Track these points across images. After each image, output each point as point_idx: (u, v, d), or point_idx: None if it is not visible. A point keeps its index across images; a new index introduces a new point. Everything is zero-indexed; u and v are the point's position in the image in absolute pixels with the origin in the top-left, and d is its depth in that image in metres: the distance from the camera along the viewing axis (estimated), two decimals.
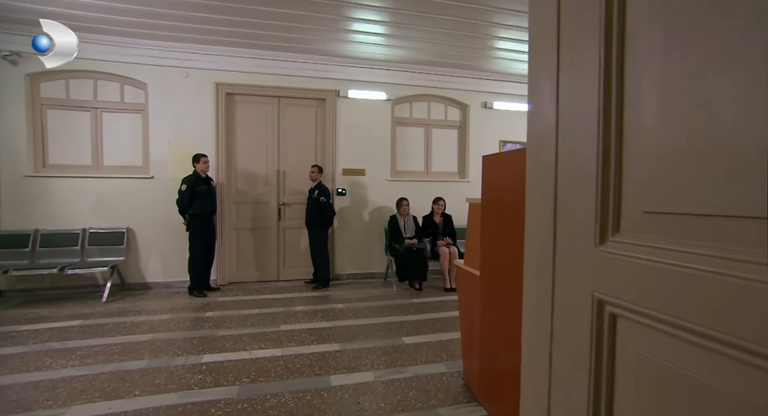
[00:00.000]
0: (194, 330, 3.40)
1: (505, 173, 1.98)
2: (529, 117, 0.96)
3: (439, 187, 5.62)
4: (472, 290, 2.39)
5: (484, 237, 2.18)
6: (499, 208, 2.02)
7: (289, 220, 5.26)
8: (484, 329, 2.20)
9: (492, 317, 2.11)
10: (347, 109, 5.31)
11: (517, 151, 1.90)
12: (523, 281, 1.00)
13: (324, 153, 5.30)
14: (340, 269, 5.37)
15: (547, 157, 0.85)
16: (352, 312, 3.95)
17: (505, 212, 1.97)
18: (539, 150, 0.89)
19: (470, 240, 2.44)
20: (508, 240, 1.92)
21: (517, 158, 1.89)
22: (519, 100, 5.90)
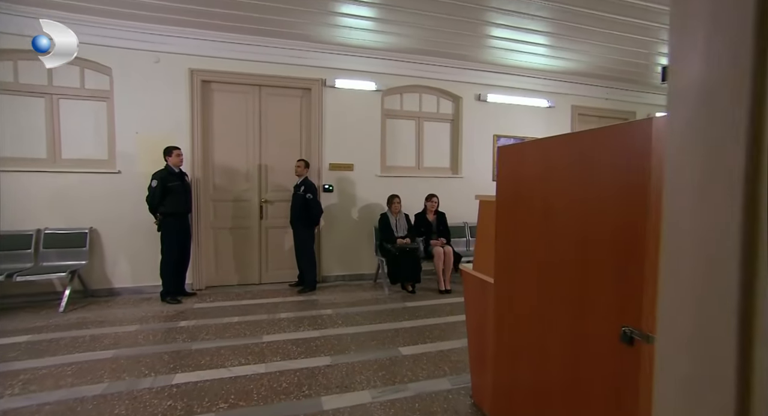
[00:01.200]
0: (165, 343, 3.02)
1: (528, 166, 1.71)
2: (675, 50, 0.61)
3: (431, 184, 5.35)
4: (483, 298, 2.11)
5: (499, 240, 1.90)
6: (520, 206, 1.75)
7: (272, 219, 4.89)
8: (500, 342, 1.93)
9: (511, 329, 1.84)
10: (334, 99, 4.97)
11: (544, 140, 1.62)
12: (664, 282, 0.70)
13: (310, 147, 4.94)
14: (327, 271, 5.04)
15: (726, 108, 0.48)
16: (342, 319, 3.63)
17: (528, 211, 1.70)
18: (711, 100, 0.51)
19: (481, 244, 2.16)
20: (533, 244, 1.65)
21: (545, 147, 1.61)
22: (514, 92, 5.68)
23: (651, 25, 4.01)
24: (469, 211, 5.52)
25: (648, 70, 5.51)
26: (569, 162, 1.46)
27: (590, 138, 1.40)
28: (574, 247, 1.42)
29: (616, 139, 1.28)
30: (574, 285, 1.42)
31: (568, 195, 1.46)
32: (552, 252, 1.54)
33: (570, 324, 1.44)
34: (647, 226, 1.12)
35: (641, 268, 1.14)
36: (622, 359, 1.21)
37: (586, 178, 1.38)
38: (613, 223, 1.26)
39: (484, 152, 5.67)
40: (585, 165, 1.39)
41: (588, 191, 1.37)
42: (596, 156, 1.34)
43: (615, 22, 3.96)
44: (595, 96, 6.08)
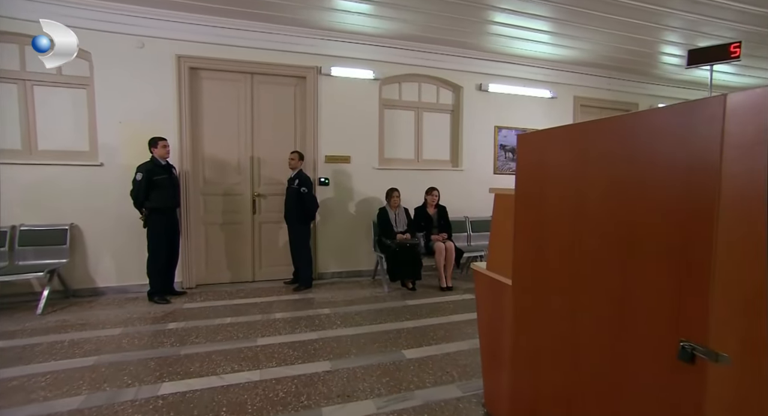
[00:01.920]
0: (152, 348, 2.81)
1: (555, 156, 1.52)
2: None
3: (430, 177, 5.16)
4: (498, 300, 1.94)
5: (519, 238, 1.72)
6: (546, 200, 1.57)
7: (265, 214, 4.67)
8: (519, 348, 1.76)
9: (533, 336, 1.67)
10: (330, 88, 4.73)
11: (575, 126, 1.44)
12: None
13: (305, 138, 4.71)
14: (323, 267, 4.85)
15: None
16: (341, 319, 3.45)
17: (555, 206, 1.52)
18: None
19: (496, 242, 1.98)
20: (562, 242, 1.47)
21: (578, 134, 1.43)
22: (516, 82, 5.49)
23: (657, 10, 3.80)
24: (470, 205, 5.37)
25: (651, 60, 5.35)
26: (608, 150, 1.28)
27: (634, 121, 1.22)
28: (616, 245, 1.24)
29: (671, 123, 1.10)
30: (614, 288, 1.25)
31: (607, 186, 1.28)
32: (586, 251, 1.36)
33: (609, 336, 1.27)
34: (715, 219, 0.94)
35: (707, 270, 0.96)
36: (678, 379, 1.04)
37: (629, 167, 1.20)
38: (668, 217, 1.08)
39: (485, 144, 5.49)
40: (628, 152, 1.21)
41: (633, 181, 1.19)
42: (643, 143, 1.16)
43: (620, 5, 3.76)
44: (597, 86, 5.91)
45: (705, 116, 0.99)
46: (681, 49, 4.91)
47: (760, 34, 4.34)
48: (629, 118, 1.25)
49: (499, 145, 5.54)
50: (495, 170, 5.57)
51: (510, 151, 5.60)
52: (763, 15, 3.93)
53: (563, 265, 1.48)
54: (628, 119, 1.25)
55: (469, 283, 4.66)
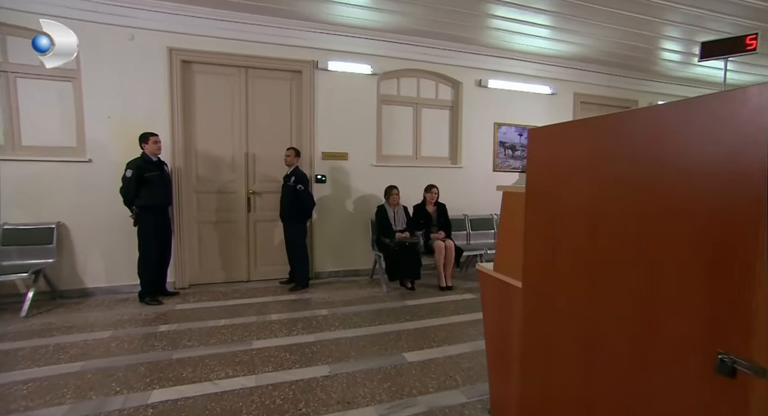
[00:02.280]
0: (142, 352, 2.69)
1: (571, 151, 1.43)
2: None
3: (429, 174, 5.07)
4: (505, 303, 1.85)
5: (530, 239, 1.63)
6: (560, 198, 1.47)
7: (260, 212, 4.55)
8: (530, 354, 1.67)
9: (545, 341, 1.58)
10: (327, 83, 4.62)
11: (593, 120, 1.34)
12: None
13: (301, 134, 4.59)
14: (320, 267, 4.74)
15: None
16: (339, 321, 3.35)
17: (571, 204, 1.43)
18: None
19: (504, 242, 1.89)
20: (579, 242, 1.38)
21: (597, 128, 1.34)
22: (516, 78, 5.40)
23: (659, 4, 3.69)
24: (470, 203, 5.29)
25: (651, 56, 5.27)
26: (630, 145, 1.19)
27: (659, 114, 1.13)
28: (639, 244, 1.16)
29: (704, 115, 1.01)
30: (637, 289, 1.16)
31: (629, 183, 1.19)
32: (605, 250, 1.27)
33: (631, 341, 1.19)
34: (764, 218, 0.85)
35: (752, 275, 0.87)
36: (715, 394, 0.96)
37: (654, 164, 1.11)
38: (704, 217, 0.99)
39: (485, 141, 5.40)
40: (654, 147, 1.11)
41: (659, 178, 1.10)
42: (671, 137, 1.07)
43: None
44: (597, 83, 5.84)
45: (749, 107, 0.90)
46: (681, 46, 4.86)
47: (761, 28, 4.29)
48: (652, 111, 1.15)
49: (498, 142, 5.45)
50: (494, 167, 5.49)
51: (509, 148, 5.52)
52: (764, 9, 3.89)
53: (579, 265, 1.39)
54: (651, 113, 1.16)
55: (469, 283, 4.58)
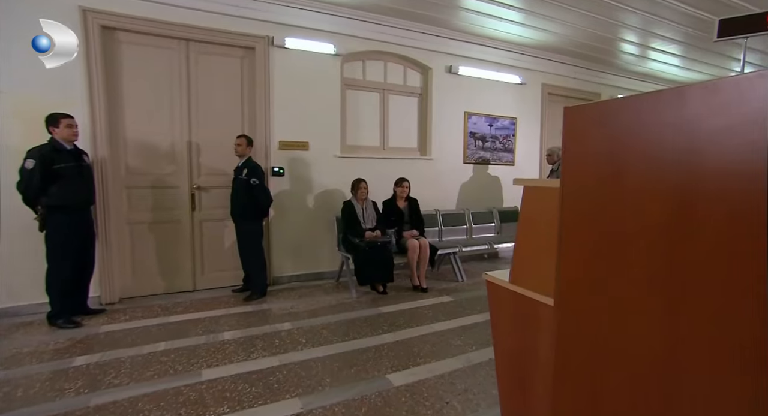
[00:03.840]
0: (46, 401, 2.06)
1: (639, 136, 1.10)
2: None
3: (397, 166, 4.70)
4: (529, 322, 1.53)
5: (567, 247, 1.30)
6: (622, 197, 1.15)
7: (207, 210, 3.92)
8: (566, 382, 1.35)
9: (591, 369, 1.27)
10: (284, 62, 4.06)
11: (683, 89, 1.02)
12: None
13: (254, 120, 4.01)
14: (279, 270, 4.22)
15: None
16: (306, 336, 2.89)
17: (640, 205, 1.10)
18: None
19: (525, 248, 1.55)
20: (655, 255, 1.06)
21: (688, 99, 1.01)
22: (487, 66, 5.16)
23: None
24: (441, 197, 5.01)
25: (612, 47, 5.24)
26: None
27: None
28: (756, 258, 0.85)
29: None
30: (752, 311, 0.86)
31: (741, 177, 0.88)
32: (700, 268, 0.96)
33: (743, 392, 0.88)
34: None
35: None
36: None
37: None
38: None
39: (455, 131, 5.13)
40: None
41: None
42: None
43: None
44: (564, 74, 5.79)
45: None
46: (638, 37, 4.82)
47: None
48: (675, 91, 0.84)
49: (469, 133, 5.20)
50: (465, 159, 5.24)
51: (480, 139, 5.30)
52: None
53: (657, 289, 1.07)
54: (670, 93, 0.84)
55: (443, 283, 4.30)
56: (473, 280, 4.41)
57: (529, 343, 1.53)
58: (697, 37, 4.72)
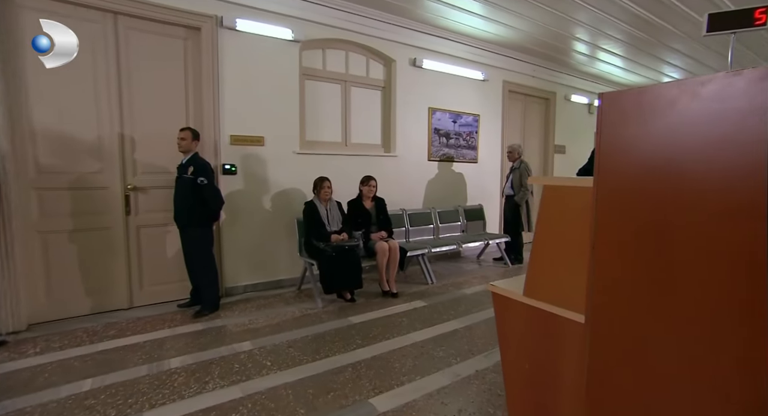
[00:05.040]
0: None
1: (700, 126, 0.93)
2: None
3: (361, 163, 4.42)
4: (552, 342, 1.33)
5: (603, 257, 1.12)
6: (680, 197, 0.97)
7: (145, 214, 3.38)
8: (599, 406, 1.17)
9: (634, 395, 1.09)
10: (236, 47, 3.60)
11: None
12: None
13: (201, 111, 3.52)
14: (232, 280, 3.76)
15: None
16: (271, 357, 2.53)
17: (702, 201, 0.93)
18: None
19: (544, 255, 1.35)
20: (719, 273, 0.89)
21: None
22: (451, 60, 5.03)
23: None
24: (407, 196, 4.81)
25: (567, 46, 5.33)
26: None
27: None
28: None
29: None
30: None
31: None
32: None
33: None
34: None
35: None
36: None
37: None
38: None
39: (419, 127, 4.94)
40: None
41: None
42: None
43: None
44: (523, 72, 5.83)
45: None
46: (590, 36, 4.91)
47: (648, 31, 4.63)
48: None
49: (433, 129, 5.04)
50: (429, 156, 5.07)
51: (444, 135, 5.16)
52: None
53: (730, 291, 0.90)
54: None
55: (413, 286, 4.10)
56: (443, 282, 4.26)
57: (550, 365, 1.34)
58: (641, 39, 4.92)
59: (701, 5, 3.91)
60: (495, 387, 2.17)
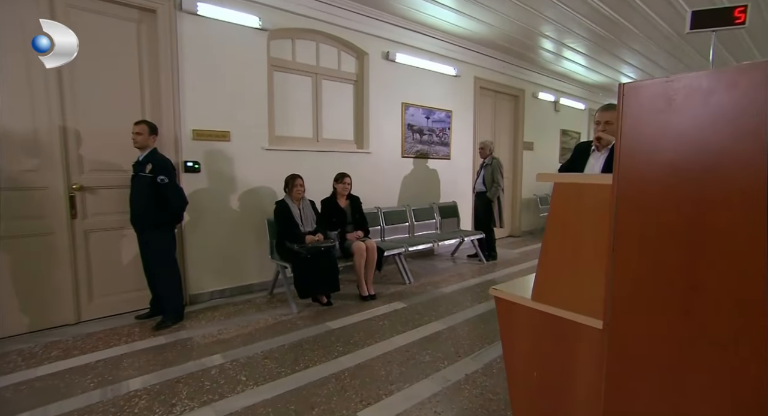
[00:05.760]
0: None
1: (735, 115, 0.86)
2: None
3: (333, 160, 4.24)
4: (563, 348, 1.25)
5: (624, 260, 1.04)
6: (699, 190, 0.91)
7: (95, 217, 3.03)
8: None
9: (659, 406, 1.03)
10: (197, 33, 3.31)
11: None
12: None
13: (159, 103, 3.20)
14: (197, 287, 3.48)
15: None
16: (246, 371, 2.32)
17: (727, 200, 0.87)
18: None
19: (555, 258, 1.27)
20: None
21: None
22: (424, 55, 4.94)
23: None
24: (381, 194, 4.69)
25: (534, 43, 5.37)
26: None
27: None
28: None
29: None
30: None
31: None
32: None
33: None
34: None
35: None
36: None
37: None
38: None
39: (393, 123, 4.82)
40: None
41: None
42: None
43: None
44: (494, 69, 5.86)
45: None
46: (555, 32, 4.96)
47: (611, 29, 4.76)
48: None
49: (406, 125, 4.94)
50: (403, 153, 4.97)
51: (417, 131, 5.07)
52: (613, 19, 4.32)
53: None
54: None
55: (391, 287, 3.99)
56: (420, 281, 4.18)
57: (562, 374, 1.26)
58: (604, 37, 5.04)
59: (662, 6, 4.06)
60: (487, 392, 2.10)
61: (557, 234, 1.25)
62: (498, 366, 2.38)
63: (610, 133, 2.17)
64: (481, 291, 3.86)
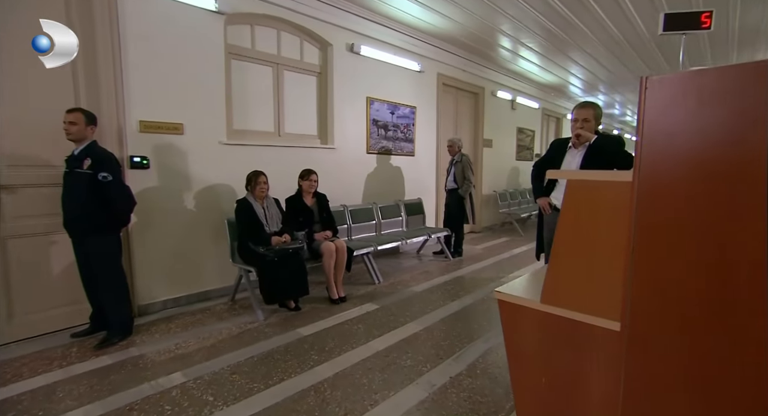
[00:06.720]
0: None
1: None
2: None
3: (296, 156, 4.02)
4: (577, 353, 1.20)
5: (645, 259, 1.00)
6: (737, 194, 0.88)
7: (17, 221, 2.59)
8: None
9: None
10: (143, 11, 2.94)
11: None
12: None
13: (98, 89, 2.80)
14: (147, 296, 3.12)
15: None
16: (212, 389, 2.08)
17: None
18: None
19: (567, 258, 1.21)
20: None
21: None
22: (388, 49, 4.83)
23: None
24: (347, 192, 4.53)
25: (493, 40, 5.44)
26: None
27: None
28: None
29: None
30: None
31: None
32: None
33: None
34: None
35: None
36: None
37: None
38: None
39: (358, 118, 4.67)
40: None
41: None
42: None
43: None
44: (456, 66, 5.89)
45: None
46: (513, 29, 5.01)
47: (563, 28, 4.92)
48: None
49: (371, 120, 4.81)
50: (368, 149, 4.83)
51: (382, 127, 4.96)
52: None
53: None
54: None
55: (360, 288, 3.85)
56: (389, 281, 4.09)
57: (574, 379, 1.21)
58: (558, 37, 5.20)
59: (613, 9, 4.24)
60: (475, 394, 2.04)
61: (569, 234, 1.19)
62: (481, 366, 2.34)
63: (587, 130, 2.19)
64: (452, 289, 3.84)
